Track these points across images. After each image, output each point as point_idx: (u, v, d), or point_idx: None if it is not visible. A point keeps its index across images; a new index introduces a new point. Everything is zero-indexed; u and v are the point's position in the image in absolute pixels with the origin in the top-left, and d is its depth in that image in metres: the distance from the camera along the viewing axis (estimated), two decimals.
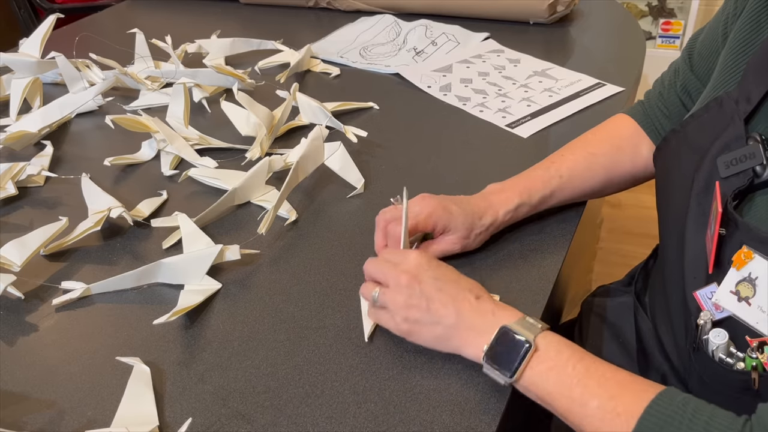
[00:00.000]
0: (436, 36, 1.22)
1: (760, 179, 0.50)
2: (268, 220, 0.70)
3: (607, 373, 0.48)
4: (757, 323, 0.48)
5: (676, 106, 0.70)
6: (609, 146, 0.72)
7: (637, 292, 0.72)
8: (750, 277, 0.48)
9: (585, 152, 0.72)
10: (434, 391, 0.53)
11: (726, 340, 0.50)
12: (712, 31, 0.65)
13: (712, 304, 0.51)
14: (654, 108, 0.72)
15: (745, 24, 0.57)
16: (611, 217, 1.83)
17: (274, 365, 0.57)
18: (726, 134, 0.54)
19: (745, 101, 0.54)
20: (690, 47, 0.69)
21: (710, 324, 0.51)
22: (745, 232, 0.49)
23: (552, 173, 0.69)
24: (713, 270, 0.52)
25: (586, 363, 0.49)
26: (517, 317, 0.53)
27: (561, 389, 0.49)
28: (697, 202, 0.55)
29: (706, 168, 0.55)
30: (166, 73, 1.07)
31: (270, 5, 1.45)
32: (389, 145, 0.89)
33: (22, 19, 2.15)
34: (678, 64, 0.71)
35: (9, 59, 0.98)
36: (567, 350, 0.50)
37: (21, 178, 0.83)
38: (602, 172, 0.71)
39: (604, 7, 1.34)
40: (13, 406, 0.55)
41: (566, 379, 0.49)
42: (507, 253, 0.68)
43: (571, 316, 0.83)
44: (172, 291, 0.66)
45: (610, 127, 0.75)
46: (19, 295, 0.65)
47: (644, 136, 0.72)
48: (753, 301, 0.48)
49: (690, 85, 0.68)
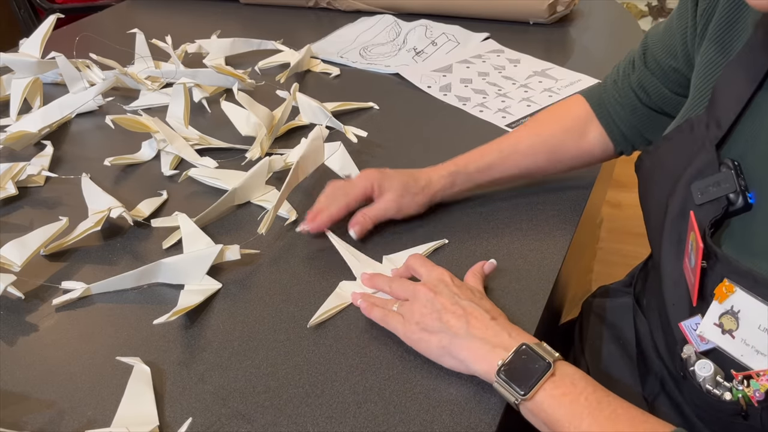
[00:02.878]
0: (436, 36, 1.22)
1: (735, 207, 0.50)
2: (268, 220, 0.70)
3: (619, 409, 0.48)
4: (742, 356, 0.48)
5: (629, 97, 0.71)
6: (557, 127, 0.74)
7: (636, 294, 0.72)
8: (732, 310, 0.48)
9: (530, 131, 0.74)
10: (434, 391, 0.53)
11: (712, 371, 0.50)
12: (667, 35, 0.65)
13: (697, 335, 0.51)
14: (609, 94, 0.73)
15: (710, 47, 0.57)
16: (611, 217, 1.83)
17: (274, 365, 0.57)
18: (698, 160, 0.53)
19: (716, 126, 0.53)
20: (645, 45, 0.69)
21: (695, 356, 0.51)
22: (726, 264, 0.48)
23: (493, 147, 0.73)
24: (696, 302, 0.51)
25: (598, 396, 0.49)
26: (536, 341, 0.52)
27: (571, 418, 0.48)
28: (672, 226, 0.55)
29: (680, 194, 0.54)
30: (166, 73, 1.08)
31: (270, 5, 1.45)
32: (389, 145, 0.89)
33: (22, 19, 2.15)
34: (634, 57, 0.71)
35: (9, 59, 0.98)
36: (582, 381, 0.50)
37: (21, 178, 0.83)
38: (544, 151, 0.73)
39: (604, 7, 1.34)
40: (13, 406, 0.55)
41: (578, 408, 0.48)
42: (507, 252, 0.68)
43: (571, 316, 0.83)
44: (172, 291, 0.66)
45: (563, 109, 0.76)
46: (19, 295, 0.65)
47: (595, 120, 0.73)
48: (737, 334, 0.48)
49: (645, 80, 0.69)
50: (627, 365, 0.67)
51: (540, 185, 0.78)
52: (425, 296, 0.57)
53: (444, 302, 0.56)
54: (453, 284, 0.58)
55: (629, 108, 0.71)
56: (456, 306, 0.55)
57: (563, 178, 0.79)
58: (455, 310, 0.55)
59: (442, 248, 0.69)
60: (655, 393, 0.63)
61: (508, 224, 0.72)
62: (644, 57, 0.69)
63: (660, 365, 0.63)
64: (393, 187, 0.69)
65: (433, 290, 0.57)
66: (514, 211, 0.74)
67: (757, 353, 0.47)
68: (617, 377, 0.67)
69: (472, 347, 0.52)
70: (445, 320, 0.54)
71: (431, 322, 0.55)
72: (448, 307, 0.55)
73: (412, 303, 0.57)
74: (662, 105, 0.68)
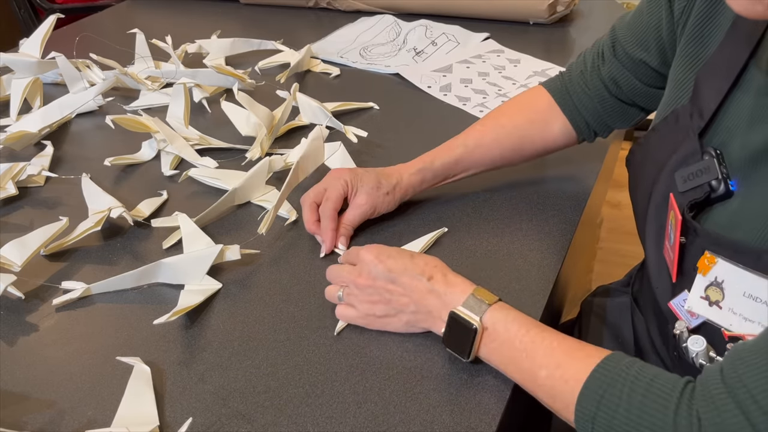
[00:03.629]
0: (436, 36, 1.22)
1: (716, 193, 0.51)
2: (268, 220, 0.70)
3: (554, 342, 0.50)
4: (731, 325, 0.49)
5: (599, 88, 0.71)
6: (521, 119, 0.75)
7: (634, 293, 0.72)
8: (717, 281, 0.49)
9: (495, 123, 0.75)
10: (434, 391, 0.53)
11: (704, 346, 0.51)
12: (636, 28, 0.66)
13: (686, 311, 0.52)
14: (575, 86, 0.73)
15: (689, 40, 0.58)
16: (611, 217, 1.83)
17: (274, 365, 0.57)
18: (683, 148, 0.55)
19: (699, 116, 0.54)
20: (613, 37, 0.69)
21: (687, 332, 0.52)
22: (705, 237, 0.50)
23: (458, 143, 0.74)
24: (677, 278, 0.53)
25: (532, 335, 0.51)
26: (466, 294, 0.54)
27: (512, 363, 0.51)
28: (655, 214, 0.56)
29: (664, 182, 0.55)
30: (166, 73, 1.07)
31: (270, 5, 1.44)
32: (389, 145, 0.89)
33: (22, 19, 2.15)
34: (602, 49, 0.71)
35: (9, 59, 0.98)
36: (514, 325, 0.52)
37: (21, 178, 0.83)
38: (509, 143, 0.74)
39: (604, 7, 1.34)
40: (13, 406, 0.55)
41: (515, 353, 0.51)
42: (507, 252, 0.68)
43: (571, 316, 0.83)
44: (172, 291, 0.66)
45: (526, 100, 0.77)
46: (19, 295, 0.65)
47: (558, 112, 0.74)
48: (723, 304, 0.49)
49: (616, 73, 0.69)
50: None
51: (540, 185, 0.78)
52: (364, 284, 0.58)
53: (385, 285, 0.57)
54: (382, 262, 0.58)
55: (597, 99, 0.72)
56: (395, 285, 0.57)
57: (563, 179, 0.79)
58: (397, 288, 0.57)
59: (441, 250, 0.69)
60: None
61: (508, 224, 0.72)
62: (614, 49, 0.69)
63: (658, 362, 0.63)
64: (365, 187, 0.70)
65: (369, 276, 0.58)
66: (514, 211, 0.74)
67: (745, 320, 0.48)
68: None
69: (425, 318, 0.56)
70: (395, 302, 0.57)
71: (384, 307, 0.58)
72: (390, 287, 0.57)
73: (357, 294, 0.59)
74: (633, 97, 0.70)
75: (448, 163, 0.73)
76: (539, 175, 0.80)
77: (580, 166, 0.81)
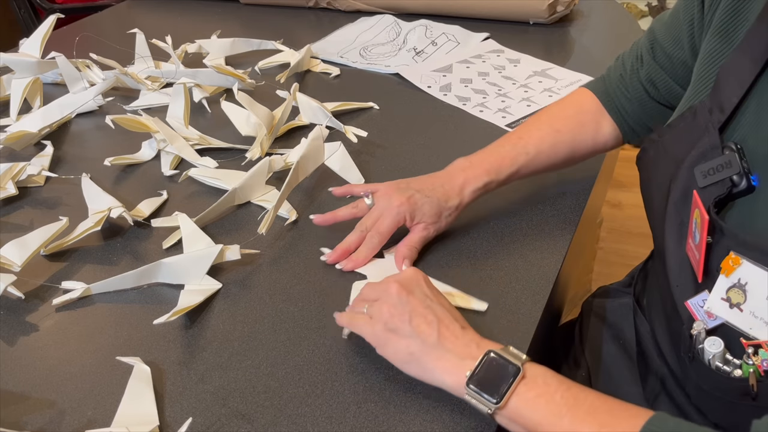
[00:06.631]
0: (436, 36, 1.22)
1: (738, 188, 0.50)
2: (268, 220, 0.70)
3: (596, 401, 0.47)
4: (751, 329, 0.48)
5: (638, 91, 0.71)
6: (574, 123, 0.74)
7: (636, 294, 0.72)
8: (740, 282, 0.48)
9: (551, 129, 0.73)
10: (434, 391, 0.53)
11: (722, 348, 0.49)
12: (673, 27, 0.66)
13: (705, 312, 0.51)
14: (615, 89, 0.73)
15: (714, 36, 0.58)
16: (611, 217, 1.83)
17: (274, 365, 0.57)
18: (701, 143, 0.54)
19: (719, 110, 0.54)
20: (651, 38, 0.69)
21: (704, 333, 0.51)
22: (731, 237, 0.49)
23: (519, 150, 0.71)
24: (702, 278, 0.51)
25: (574, 392, 0.47)
26: (502, 346, 0.51)
27: (550, 419, 0.46)
28: (674, 210, 0.55)
29: (683, 177, 0.55)
30: (166, 73, 1.08)
31: (270, 5, 1.44)
32: (389, 145, 0.89)
33: (22, 19, 2.15)
34: (641, 51, 0.71)
35: (9, 59, 0.98)
36: (554, 380, 0.48)
37: (21, 178, 0.83)
38: (566, 149, 0.73)
39: (604, 7, 1.34)
40: (13, 406, 0.55)
41: (555, 408, 0.46)
42: (507, 252, 0.68)
43: (571, 317, 0.83)
44: (172, 291, 0.66)
45: (575, 103, 0.76)
46: (19, 295, 0.65)
47: (605, 113, 0.74)
48: (744, 307, 0.48)
49: (654, 75, 0.69)
50: (627, 365, 0.67)
51: (540, 185, 0.78)
52: (396, 294, 0.54)
53: (415, 304, 0.53)
54: (426, 285, 0.56)
55: (637, 102, 0.71)
56: (428, 310, 0.53)
57: (563, 179, 0.79)
58: (426, 314, 0.52)
59: (441, 250, 0.69)
60: (655, 393, 0.63)
61: (509, 224, 0.72)
62: (652, 50, 0.69)
63: (661, 364, 0.63)
64: (425, 217, 0.67)
65: (406, 288, 0.54)
66: (514, 211, 0.74)
67: (766, 324, 0.47)
68: (617, 377, 0.67)
69: (442, 358, 0.51)
70: (416, 324, 0.52)
71: (400, 323, 0.52)
72: (419, 309, 0.53)
73: (382, 302, 0.54)
74: (670, 99, 0.69)
75: (513, 173, 0.71)
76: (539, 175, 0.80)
77: (580, 166, 0.81)
